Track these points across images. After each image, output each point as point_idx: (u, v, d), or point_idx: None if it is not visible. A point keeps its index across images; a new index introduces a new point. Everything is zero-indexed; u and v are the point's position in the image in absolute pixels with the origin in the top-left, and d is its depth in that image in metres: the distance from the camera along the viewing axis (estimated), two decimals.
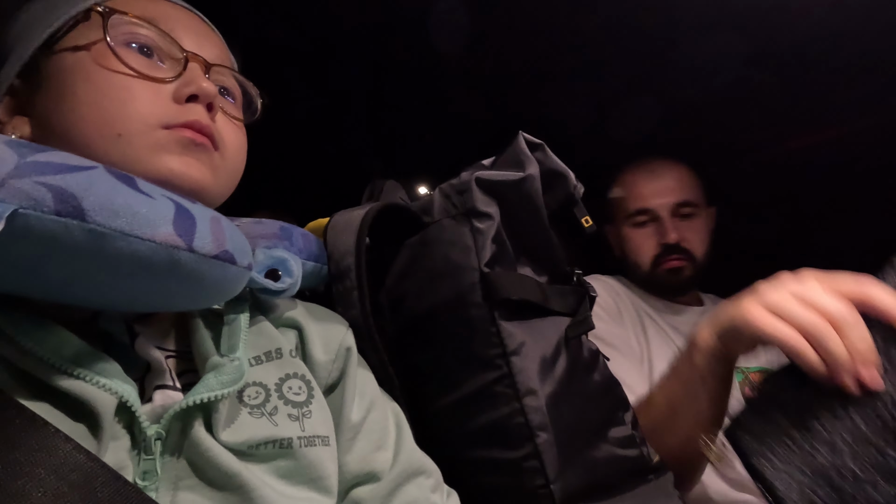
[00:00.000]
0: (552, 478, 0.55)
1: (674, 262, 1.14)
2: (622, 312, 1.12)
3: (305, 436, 0.45)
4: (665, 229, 1.14)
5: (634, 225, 1.18)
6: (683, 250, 1.14)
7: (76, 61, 0.46)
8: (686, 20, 0.91)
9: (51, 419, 0.35)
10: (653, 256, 1.15)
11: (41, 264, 0.35)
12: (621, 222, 1.21)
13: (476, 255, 0.59)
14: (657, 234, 1.15)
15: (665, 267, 1.14)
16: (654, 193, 1.16)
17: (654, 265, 1.15)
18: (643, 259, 1.16)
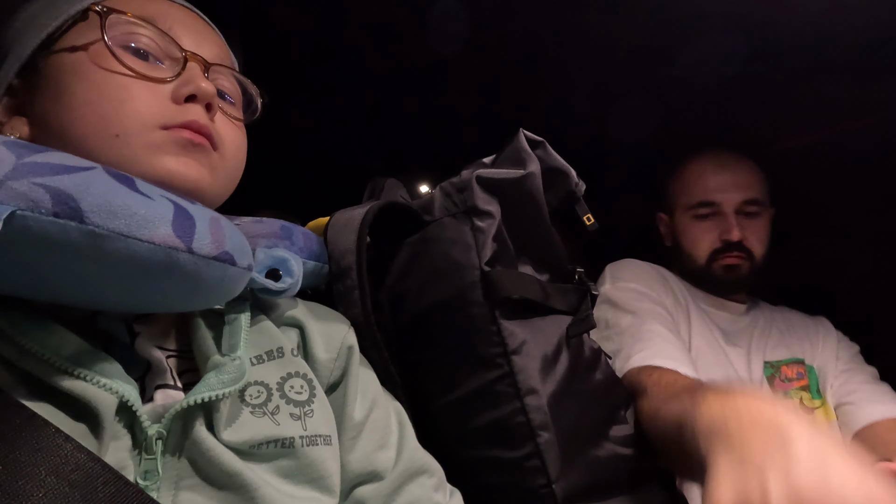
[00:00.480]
0: (554, 477, 0.55)
1: (732, 259, 1.09)
2: (673, 292, 1.08)
3: (307, 435, 0.45)
4: (728, 225, 1.08)
5: (695, 217, 1.12)
6: (744, 248, 1.09)
7: (74, 61, 0.46)
8: (686, 19, 0.90)
9: (51, 419, 0.35)
10: (711, 251, 1.10)
11: (39, 266, 0.35)
12: (680, 212, 1.15)
13: (477, 253, 0.59)
14: (719, 229, 1.10)
15: (722, 263, 1.10)
16: (722, 187, 1.10)
17: (710, 260, 1.10)
18: (700, 252, 1.11)
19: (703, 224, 1.12)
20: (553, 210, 0.65)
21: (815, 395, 1.09)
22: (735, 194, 1.10)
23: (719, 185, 1.11)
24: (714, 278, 1.11)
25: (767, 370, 1.08)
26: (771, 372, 1.08)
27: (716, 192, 1.10)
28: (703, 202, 1.11)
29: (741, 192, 1.10)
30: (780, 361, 1.10)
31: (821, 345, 1.15)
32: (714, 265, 1.10)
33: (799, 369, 1.11)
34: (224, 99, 0.54)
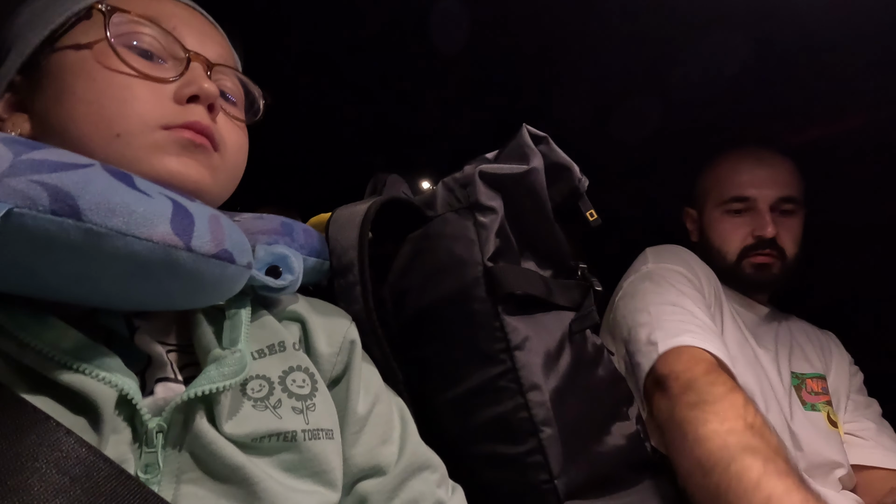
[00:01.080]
0: (556, 473, 0.55)
1: (763, 258, 1.05)
2: (711, 285, 1.03)
3: (309, 429, 0.45)
4: (763, 222, 1.04)
5: (728, 212, 1.08)
6: (777, 247, 1.05)
7: (77, 59, 0.46)
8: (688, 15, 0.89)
9: (51, 413, 0.35)
10: (742, 248, 1.07)
11: (37, 263, 0.35)
12: (711, 206, 1.11)
13: (479, 249, 0.59)
14: (752, 225, 1.06)
15: (753, 261, 1.06)
16: (758, 182, 1.06)
17: (740, 257, 1.07)
18: (730, 248, 1.07)
19: (735, 220, 1.08)
20: (556, 206, 0.65)
21: (835, 413, 1.07)
22: (771, 190, 1.06)
23: (755, 180, 1.07)
24: (743, 277, 1.08)
25: (794, 380, 1.05)
26: (797, 382, 1.06)
27: (750, 188, 1.06)
28: (736, 197, 1.07)
29: (777, 189, 1.06)
30: (804, 374, 1.07)
31: (834, 364, 1.13)
32: (744, 263, 1.07)
33: (822, 384, 1.08)
34: (226, 99, 0.54)
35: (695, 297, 0.93)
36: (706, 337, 0.81)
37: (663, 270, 0.98)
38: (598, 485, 0.57)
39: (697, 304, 0.91)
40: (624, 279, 1.03)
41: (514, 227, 0.62)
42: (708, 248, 1.11)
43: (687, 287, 0.95)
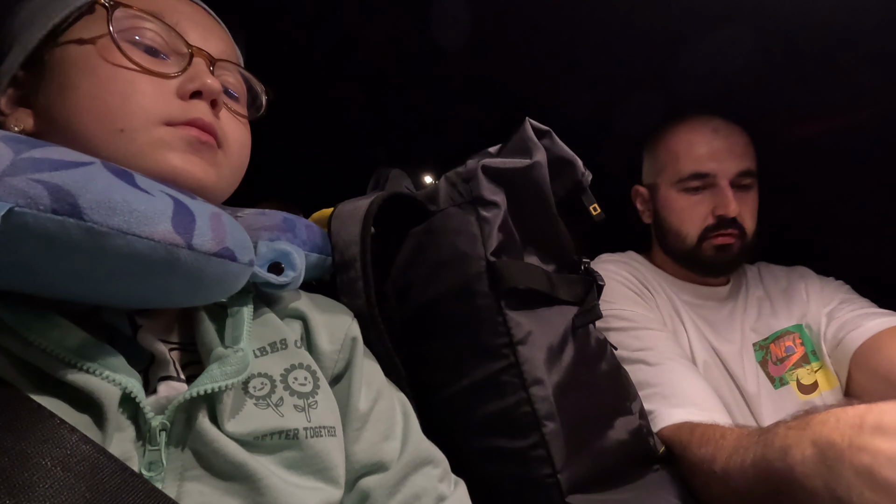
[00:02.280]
0: (559, 467, 0.55)
1: (724, 238, 0.97)
2: (653, 295, 0.99)
3: (311, 426, 0.45)
4: (725, 199, 0.95)
5: (685, 190, 0.99)
6: (738, 225, 0.97)
7: (79, 54, 0.46)
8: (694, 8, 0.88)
9: (56, 411, 0.36)
10: (703, 228, 0.98)
11: (39, 262, 0.35)
12: (666, 184, 1.02)
13: (482, 243, 0.59)
14: (712, 203, 0.97)
15: (714, 242, 0.98)
16: (717, 156, 0.97)
17: (700, 238, 0.98)
18: (690, 230, 0.99)
19: (693, 198, 0.99)
20: (560, 200, 0.65)
21: (813, 359, 1.01)
22: (731, 164, 0.97)
23: (713, 153, 0.97)
24: (703, 259, 1.00)
25: (758, 355, 1.01)
26: (762, 355, 1.01)
27: (710, 162, 0.97)
28: (695, 174, 0.98)
29: (737, 162, 0.97)
30: (769, 337, 1.02)
31: (806, 298, 1.06)
32: (704, 245, 0.99)
33: (788, 342, 1.03)
34: (229, 95, 0.54)
35: (653, 342, 0.87)
36: (687, 404, 0.77)
37: (615, 327, 0.90)
38: (602, 479, 0.57)
39: (662, 354, 0.85)
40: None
41: (516, 222, 0.62)
42: (664, 231, 1.04)
43: (645, 336, 0.88)
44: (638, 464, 0.61)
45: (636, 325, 0.89)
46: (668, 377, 0.80)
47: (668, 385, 0.78)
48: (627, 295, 0.96)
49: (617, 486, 0.58)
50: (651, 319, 0.92)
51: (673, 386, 0.78)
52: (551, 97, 1.08)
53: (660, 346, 0.86)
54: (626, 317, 0.91)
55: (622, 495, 0.57)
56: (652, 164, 1.07)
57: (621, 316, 0.91)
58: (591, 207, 0.65)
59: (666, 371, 0.81)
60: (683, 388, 0.78)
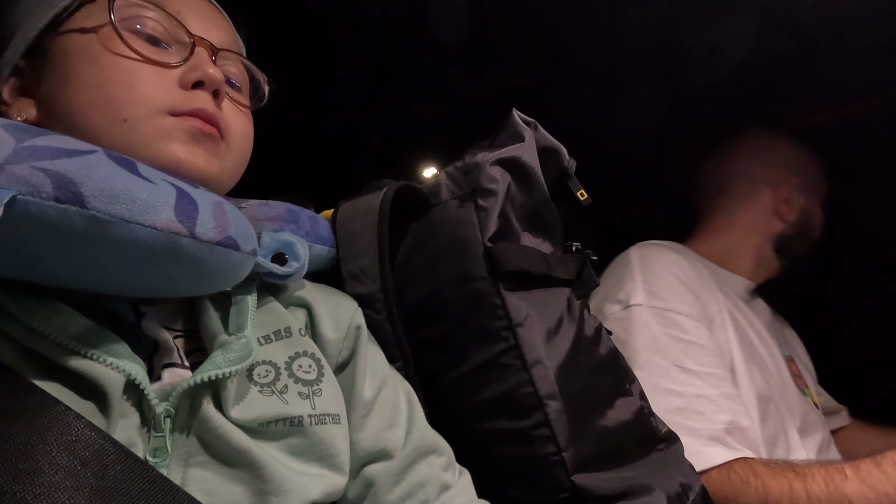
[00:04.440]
0: (563, 445, 0.55)
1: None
2: (713, 292, 0.99)
3: (316, 414, 0.45)
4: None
5: (818, 199, 1.13)
6: None
7: (81, 43, 0.46)
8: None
9: (60, 397, 0.36)
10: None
11: (41, 250, 0.35)
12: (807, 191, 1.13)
13: (479, 230, 0.59)
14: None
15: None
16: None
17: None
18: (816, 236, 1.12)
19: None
20: (547, 187, 0.66)
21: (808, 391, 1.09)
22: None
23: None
24: (808, 268, 1.12)
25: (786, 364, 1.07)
26: (786, 366, 1.07)
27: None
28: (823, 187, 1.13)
29: None
30: (786, 357, 1.08)
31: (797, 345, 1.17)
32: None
33: (795, 367, 1.09)
34: (231, 85, 0.54)
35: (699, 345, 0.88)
36: (733, 438, 0.81)
37: (662, 326, 0.90)
38: (607, 458, 0.58)
39: (703, 357, 0.87)
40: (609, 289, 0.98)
41: (514, 207, 0.63)
42: (801, 235, 1.12)
43: (691, 334, 0.89)
44: (642, 443, 0.61)
45: (691, 340, 0.89)
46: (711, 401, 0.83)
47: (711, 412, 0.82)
48: (687, 286, 0.96)
49: (622, 465, 0.58)
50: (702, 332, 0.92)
51: (719, 419, 0.82)
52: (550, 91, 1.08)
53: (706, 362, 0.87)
54: (681, 321, 0.91)
55: (627, 473, 0.57)
56: (787, 169, 1.13)
57: (677, 322, 0.90)
58: (577, 193, 0.67)
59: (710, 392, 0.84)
60: (727, 420, 0.82)
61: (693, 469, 0.64)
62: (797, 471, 0.75)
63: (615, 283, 0.99)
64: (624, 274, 0.99)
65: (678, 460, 0.63)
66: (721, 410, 0.82)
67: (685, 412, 0.81)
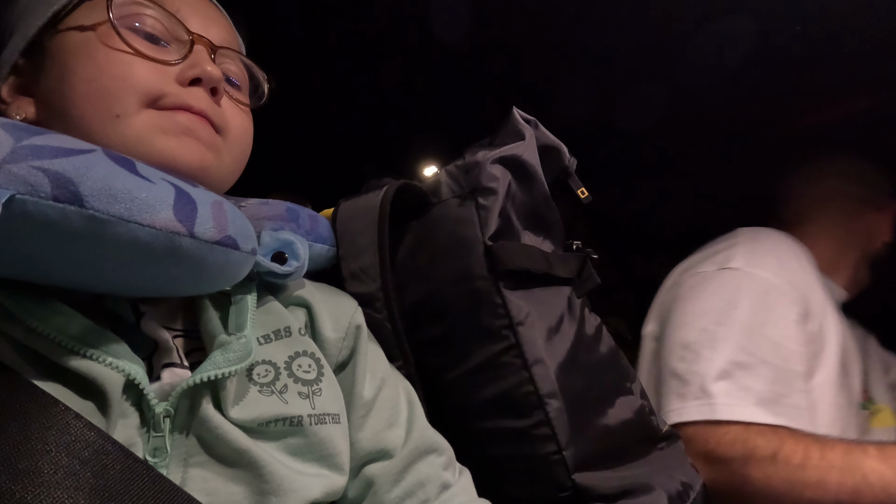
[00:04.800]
0: (564, 444, 0.55)
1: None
2: (804, 292, 0.94)
3: (315, 413, 0.45)
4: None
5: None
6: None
7: (79, 41, 0.46)
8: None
9: (60, 397, 0.36)
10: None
11: (40, 250, 0.35)
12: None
13: (480, 229, 0.59)
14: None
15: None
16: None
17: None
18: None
19: None
20: (548, 186, 0.66)
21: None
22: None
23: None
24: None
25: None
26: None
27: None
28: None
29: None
30: (863, 370, 1.08)
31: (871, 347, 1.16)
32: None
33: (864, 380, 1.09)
34: (230, 83, 0.53)
35: (787, 320, 0.87)
36: (792, 411, 0.80)
37: (755, 283, 0.89)
38: (607, 456, 0.58)
39: (786, 332, 0.86)
40: (708, 254, 0.97)
41: (514, 205, 0.63)
42: (887, 256, 1.12)
43: (781, 308, 0.88)
44: (642, 442, 0.61)
45: (780, 313, 0.88)
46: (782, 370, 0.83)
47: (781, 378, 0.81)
48: (788, 276, 0.93)
49: (622, 464, 0.58)
50: (796, 298, 0.90)
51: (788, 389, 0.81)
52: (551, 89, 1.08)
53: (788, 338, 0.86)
54: (779, 285, 0.89)
55: (628, 472, 0.58)
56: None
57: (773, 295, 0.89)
58: (578, 191, 0.67)
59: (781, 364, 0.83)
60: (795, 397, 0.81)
61: (694, 468, 0.64)
62: (818, 438, 0.75)
63: (717, 249, 0.98)
64: (730, 243, 0.99)
65: (679, 459, 0.63)
66: (777, 380, 0.81)
67: (744, 367, 0.80)
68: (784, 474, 0.73)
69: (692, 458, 0.73)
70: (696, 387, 0.80)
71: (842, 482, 0.71)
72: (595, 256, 0.67)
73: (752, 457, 0.74)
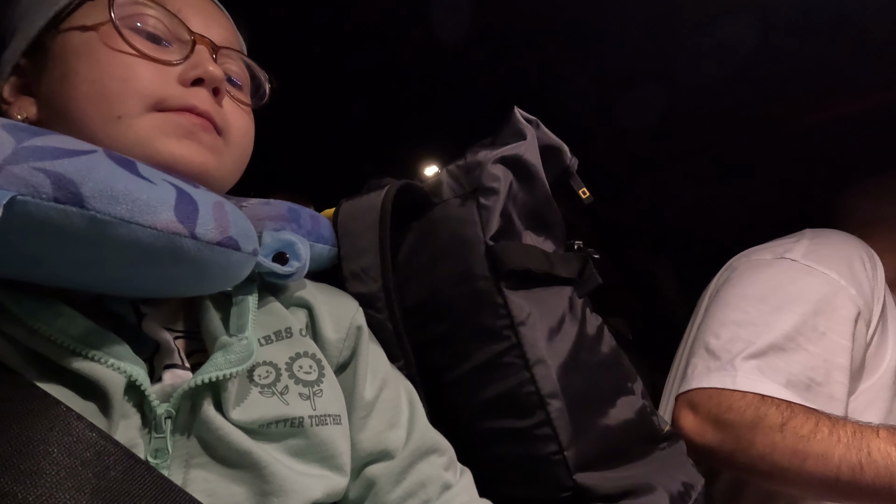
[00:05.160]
0: (565, 444, 0.55)
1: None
2: (875, 284, 0.93)
3: (316, 415, 0.45)
4: None
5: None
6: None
7: (81, 41, 0.46)
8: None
9: (61, 398, 0.36)
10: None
11: (41, 251, 0.35)
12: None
13: (481, 229, 0.59)
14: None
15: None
16: None
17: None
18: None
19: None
20: (549, 185, 0.66)
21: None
22: None
23: None
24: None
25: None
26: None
27: None
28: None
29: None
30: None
31: None
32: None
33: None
34: (232, 83, 0.53)
35: (841, 315, 0.85)
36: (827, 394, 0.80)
37: (810, 273, 0.87)
38: (609, 456, 0.58)
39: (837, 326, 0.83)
40: (764, 247, 0.96)
41: (515, 205, 0.63)
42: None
43: (837, 302, 0.85)
44: (644, 442, 0.61)
45: (833, 305, 0.86)
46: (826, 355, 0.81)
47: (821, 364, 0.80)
48: (853, 261, 0.91)
49: (624, 464, 0.58)
50: (852, 297, 0.87)
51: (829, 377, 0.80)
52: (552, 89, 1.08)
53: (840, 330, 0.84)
54: (834, 280, 0.87)
55: (629, 472, 0.58)
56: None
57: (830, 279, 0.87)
58: (580, 191, 0.67)
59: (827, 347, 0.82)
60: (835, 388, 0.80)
61: (695, 468, 0.64)
62: (830, 416, 0.75)
63: (781, 242, 0.96)
64: (794, 238, 0.96)
65: (680, 459, 0.63)
66: (817, 371, 0.80)
67: (779, 353, 0.79)
68: (789, 443, 0.72)
69: (701, 421, 0.73)
70: (726, 361, 0.80)
71: (845, 457, 0.70)
72: (596, 256, 0.67)
73: (761, 423, 0.74)
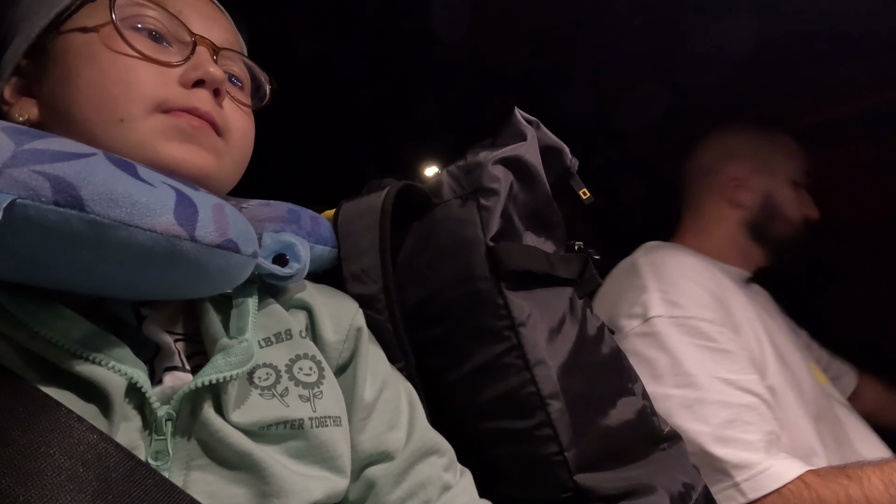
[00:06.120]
0: (566, 445, 0.55)
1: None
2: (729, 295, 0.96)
3: (317, 416, 0.45)
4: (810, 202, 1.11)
5: (795, 187, 1.10)
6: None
7: (82, 42, 0.46)
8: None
9: (62, 401, 0.36)
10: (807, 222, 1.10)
11: (41, 254, 0.35)
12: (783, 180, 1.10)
13: (482, 230, 0.59)
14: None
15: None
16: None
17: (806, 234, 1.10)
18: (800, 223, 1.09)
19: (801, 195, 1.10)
20: (549, 186, 0.66)
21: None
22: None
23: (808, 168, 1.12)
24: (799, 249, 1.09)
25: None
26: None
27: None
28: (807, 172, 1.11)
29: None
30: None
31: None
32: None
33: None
34: (232, 84, 0.53)
35: (728, 351, 0.86)
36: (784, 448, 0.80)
37: (685, 328, 0.87)
38: (609, 457, 0.58)
39: (734, 365, 0.85)
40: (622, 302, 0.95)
41: (516, 206, 0.63)
42: (772, 217, 1.09)
43: (718, 341, 0.87)
44: (644, 443, 0.61)
45: (719, 347, 0.87)
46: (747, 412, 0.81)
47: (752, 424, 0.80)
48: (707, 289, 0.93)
49: (624, 465, 0.58)
50: (727, 335, 0.89)
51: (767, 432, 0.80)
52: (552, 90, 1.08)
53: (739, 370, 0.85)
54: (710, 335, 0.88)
55: (630, 473, 0.57)
56: (763, 158, 1.11)
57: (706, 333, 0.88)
58: (580, 192, 0.67)
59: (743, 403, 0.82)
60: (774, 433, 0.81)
61: (696, 469, 0.64)
62: (850, 475, 0.74)
63: (628, 294, 0.95)
64: (635, 284, 0.95)
65: (681, 460, 0.63)
66: (765, 419, 0.81)
67: (735, 424, 0.79)
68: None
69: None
70: (713, 469, 0.78)
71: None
72: (597, 257, 0.67)
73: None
